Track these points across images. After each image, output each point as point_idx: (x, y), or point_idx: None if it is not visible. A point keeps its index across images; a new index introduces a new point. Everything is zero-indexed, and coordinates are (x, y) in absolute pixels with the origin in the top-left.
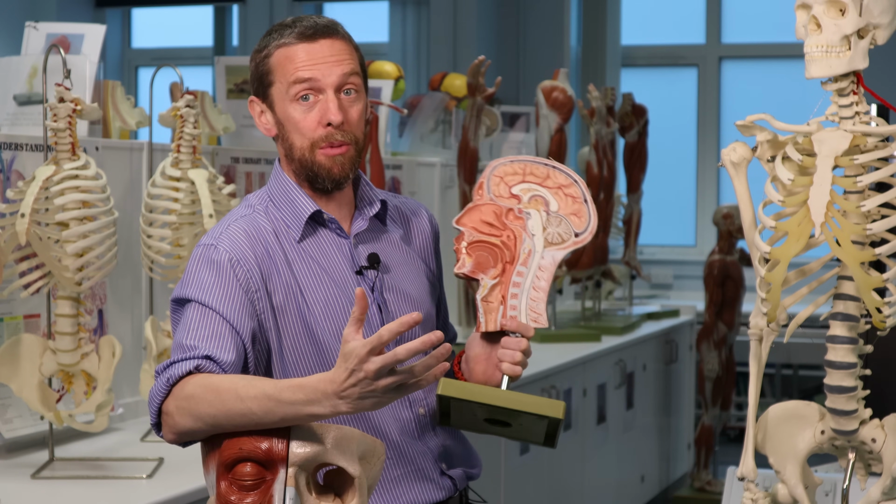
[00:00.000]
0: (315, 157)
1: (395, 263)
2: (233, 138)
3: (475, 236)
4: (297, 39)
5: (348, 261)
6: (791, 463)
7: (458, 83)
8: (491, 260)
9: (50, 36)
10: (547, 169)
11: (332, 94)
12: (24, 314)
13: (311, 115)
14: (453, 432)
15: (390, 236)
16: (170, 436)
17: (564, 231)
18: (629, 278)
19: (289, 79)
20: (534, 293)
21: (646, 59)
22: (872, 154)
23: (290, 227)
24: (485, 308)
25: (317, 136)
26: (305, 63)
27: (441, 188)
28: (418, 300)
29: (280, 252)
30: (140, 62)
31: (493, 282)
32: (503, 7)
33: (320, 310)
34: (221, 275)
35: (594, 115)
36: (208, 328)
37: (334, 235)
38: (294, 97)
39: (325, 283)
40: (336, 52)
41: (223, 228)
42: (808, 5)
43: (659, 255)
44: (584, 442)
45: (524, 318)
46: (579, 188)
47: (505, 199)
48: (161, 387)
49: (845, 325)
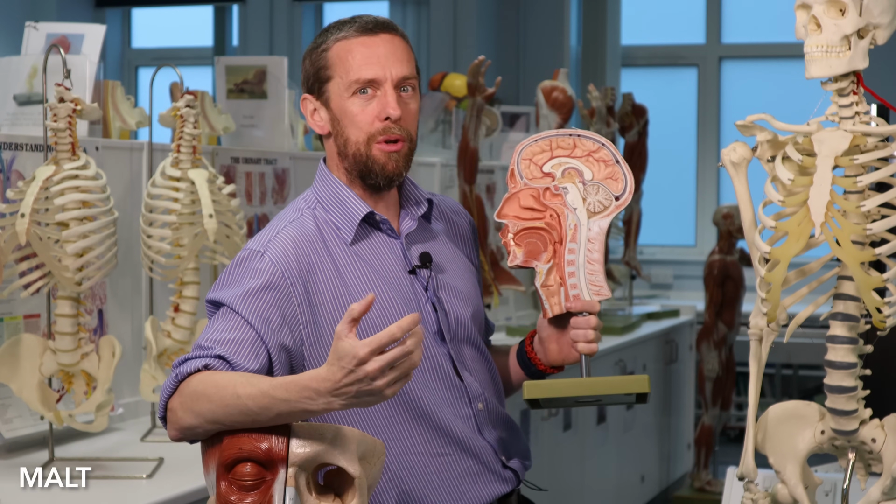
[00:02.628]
0: (371, 151)
1: (444, 261)
2: (233, 138)
3: (519, 225)
4: (358, 33)
5: (401, 261)
6: (791, 463)
7: (458, 83)
8: (540, 245)
9: (50, 36)
10: (572, 139)
11: (391, 89)
12: (24, 314)
13: (370, 109)
14: (508, 424)
15: (437, 235)
16: (173, 432)
17: (604, 197)
18: (629, 278)
19: (349, 73)
20: (589, 266)
21: (646, 59)
22: (872, 154)
23: (342, 229)
24: (546, 294)
25: (374, 129)
26: (366, 58)
27: (441, 188)
28: (468, 296)
29: (328, 259)
30: (140, 62)
31: (547, 266)
32: (503, 7)
33: (376, 312)
34: (261, 284)
35: (594, 115)
36: (233, 333)
37: (385, 237)
38: (353, 91)
39: (378, 285)
40: (396, 49)
41: (272, 235)
42: (808, 5)
43: (659, 255)
44: (584, 442)
45: (587, 294)
46: (608, 150)
47: (539, 180)
48: (170, 382)
49: (845, 325)
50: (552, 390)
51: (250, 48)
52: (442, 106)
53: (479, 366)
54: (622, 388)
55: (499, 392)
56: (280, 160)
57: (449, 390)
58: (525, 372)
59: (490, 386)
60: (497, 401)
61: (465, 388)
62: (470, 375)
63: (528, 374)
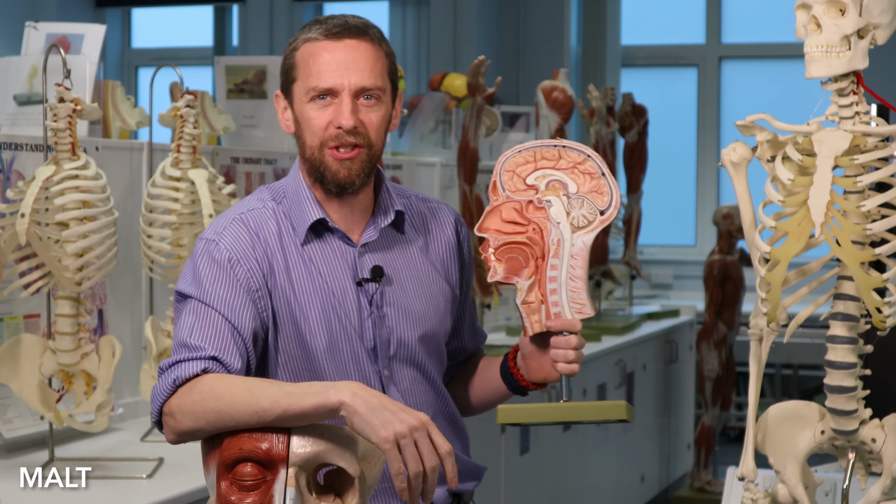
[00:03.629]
0: (324, 156)
1: (404, 276)
2: (233, 138)
3: (500, 239)
4: (323, 36)
5: (351, 271)
6: (791, 463)
7: (458, 83)
8: (521, 260)
9: (50, 36)
10: (557, 150)
11: (347, 98)
12: (24, 314)
13: (325, 115)
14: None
15: (406, 246)
16: (171, 436)
17: (589, 212)
18: (629, 278)
19: (308, 79)
20: (572, 283)
21: (646, 59)
22: (872, 154)
23: (296, 230)
24: (526, 311)
25: (326, 135)
26: (326, 64)
27: (441, 188)
28: (421, 316)
29: (280, 256)
30: (140, 62)
31: (528, 282)
32: (503, 7)
33: (313, 317)
34: (221, 273)
35: (594, 115)
36: (211, 327)
37: (341, 243)
38: (311, 97)
39: (322, 291)
40: (359, 57)
41: (227, 222)
42: (808, 5)
43: (659, 255)
44: (584, 442)
45: (568, 312)
46: (594, 162)
47: (522, 192)
48: (166, 386)
49: (845, 325)
50: (525, 416)
51: (250, 48)
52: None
53: (418, 388)
54: (598, 415)
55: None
56: (280, 160)
57: None
58: (508, 387)
59: (426, 411)
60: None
61: None
62: (399, 397)
63: (510, 388)
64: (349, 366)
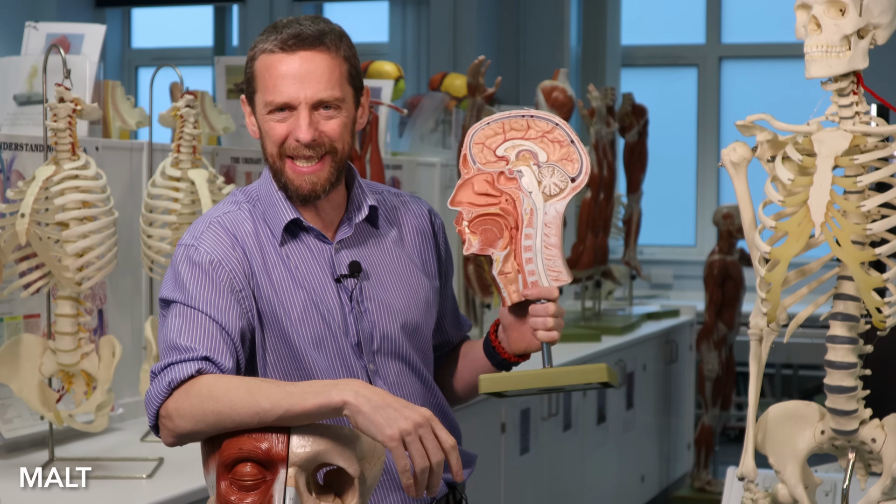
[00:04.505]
0: (283, 166)
1: (381, 270)
2: (233, 138)
3: (473, 212)
4: (278, 48)
5: (328, 268)
6: (791, 463)
7: (458, 83)
8: (496, 231)
9: (50, 36)
10: (525, 120)
11: (304, 112)
12: (24, 314)
13: (283, 127)
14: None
15: (381, 241)
16: (169, 439)
17: (560, 180)
18: (629, 278)
19: (265, 93)
20: (547, 251)
21: (646, 59)
22: (872, 154)
23: (273, 230)
24: (503, 282)
25: (286, 147)
26: (282, 78)
27: (441, 188)
28: (402, 310)
29: (259, 256)
30: (140, 62)
31: (503, 253)
32: (503, 7)
33: (296, 316)
34: (204, 276)
35: (594, 115)
36: (199, 328)
37: (317, 241)
38: (269, 110)
39: (301, 290)
40: (314, 69)
41: (204, 227)
42: (808, 5)
43: (659, 255)
44: (584, 442)
45: (545, 280)
46: (563, 130)
47: (492, 164)
48: (161, 390)
49: (845, 325)
50: (507, 383)
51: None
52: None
53: (405, 381)
54: (579, 379)
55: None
56: None
57: None
58: (491, 362)
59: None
60: None
61: None
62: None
63: (493, 363)
64: (335, 362)
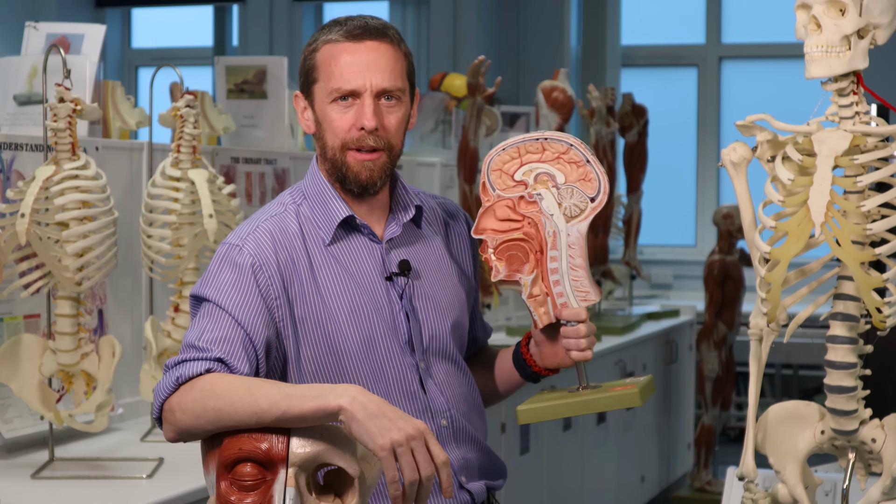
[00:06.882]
0: (345, 158)
1: (428, 269)
2: (233, 138)
3: (498, 238)
4: (344, 38)
5: (378, 267)
6: (791, 463)
7: (458, 83)
8: (521, 256)
9: (50, 36)
10: (540, 142)
11: (369, 100)
12: (24, 314)
13: (347, 117)
14: (476, 444)
15: (426, 241)
16: (170, 433)
17: (580, 200)
18: (629, 278)
19: (330, 80)
20: (573, 273)
21: (646, 59)
22: (872, 154)
23: (321, 229)
24: (533, 305)
25: (349, 137)
26: (348, 66)
27: (441, 188)
28: (450, 307)
29: (305, 258)
30: (140, 62)
31: (531, 277)
32: (503, 7)
33: (345, 317)
34: (242, 279)
35: (594, 115)
36: (222, 331)
37: (366, 240)
38: (333, 98)
39: (351, 289)
40: (380, 58)
41: (251, 228)
42: (808, 5)
43: (659, 255)
44: (584, 442)
45: (573, 301)
46: (578, 150)
47: (512, 189)
48: (169, 384)
49: (845, 325)
50: (545, 414)
51: (250, 48)
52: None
53: (452, 380)
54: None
55: (473, 410)
56: (280, 160)
57: (410, 403)
58: (520, 373)
59: (461, 403)
60: (466, 419)
61: (429, 402)
62: (437, 389)
63: (522, 375)
64: (384, 362)
